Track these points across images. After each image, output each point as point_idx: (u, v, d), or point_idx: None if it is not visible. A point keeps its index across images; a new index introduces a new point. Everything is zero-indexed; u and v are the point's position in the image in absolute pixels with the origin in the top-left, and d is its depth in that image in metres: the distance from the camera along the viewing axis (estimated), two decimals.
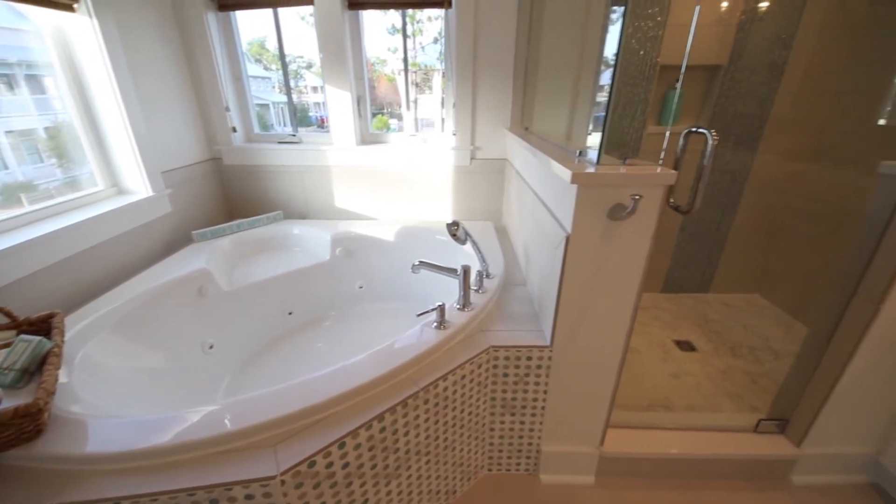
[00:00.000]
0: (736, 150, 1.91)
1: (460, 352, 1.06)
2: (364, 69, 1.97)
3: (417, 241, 1.87)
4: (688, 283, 2.19)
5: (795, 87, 1.79)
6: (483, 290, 1.28)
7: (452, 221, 1.34)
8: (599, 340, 1.07)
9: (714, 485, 1.26)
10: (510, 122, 1.88)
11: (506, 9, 1.69)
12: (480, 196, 2.04)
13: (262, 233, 1.91)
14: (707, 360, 1.70)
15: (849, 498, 1.23)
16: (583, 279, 1.00)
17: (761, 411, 1.34)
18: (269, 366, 1.57)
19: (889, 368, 1.10)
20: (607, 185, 0.89)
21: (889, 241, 0.98)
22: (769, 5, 1.73)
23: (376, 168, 2.00)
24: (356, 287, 1.92)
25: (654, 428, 1.30)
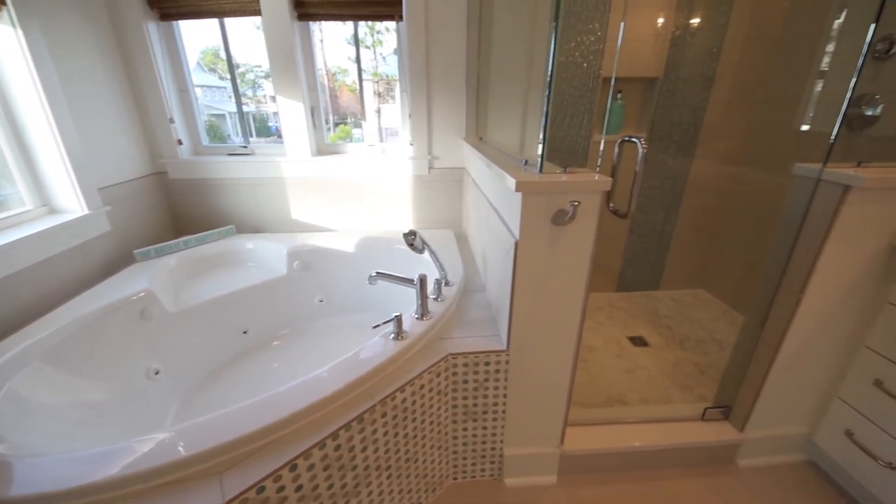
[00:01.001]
0: (676, 155, 2.04)
1: (419, 362, 1.05)
2: (317, 80, 1.95)
3: (378, 252, 1.86)
4: (639, 282, 2.31)
5: (725, 96, 1.94)
6: (442, 298, 1.28)
7: (409, 231, 1.34)
8: (553, 341, 1.11)
9: (667, 474, 1.32)
10: (465, 132, 1.92)
11: (455, 22, 1.74)
12: (440, 205, 2.06)
13: (212, 249, 1.83)
14: (658, 354, 1.79)
15: (789, 476, 1.33)
16: (533, 283, 1.03)
17: (708, 400, 1.43)
18: (222, 389, 1.50)
19: (814, 353, 1.20)
20: (549, 193, 0.93)
21: (805, 237, 1.08)
22: (700, 21, 1.88)
23: (334, 179, 1.98)
24: (316, 301, 1.87)
25: (610, 423, 1.35)
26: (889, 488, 1.09)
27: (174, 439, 0.76)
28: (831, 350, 1.19)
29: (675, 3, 1.82)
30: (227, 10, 1.78)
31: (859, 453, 1.16)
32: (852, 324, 1.15)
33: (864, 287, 1.10)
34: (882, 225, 1.03)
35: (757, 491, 1.27)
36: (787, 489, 1.28)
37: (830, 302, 1.12)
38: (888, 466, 1.09)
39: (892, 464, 1.08)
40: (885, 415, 1.10)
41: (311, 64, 1.92)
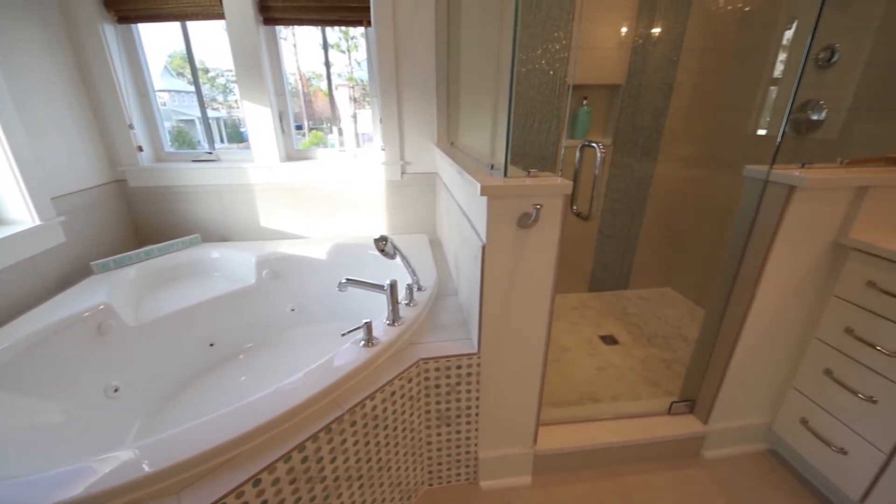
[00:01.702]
0: (640, 159, 2.12)
1: (390, 368, 1.04)
2: (286, 84, 1.92)
3: (351, 258, 1.84)
4: (609, 282, 2.37)
5: (685, 102, 2.03)
6: (414, 304, 1.28)
7: (380, 236, 1.33)
8: (522, 342, 1.12)
9: (638, 468, 1.35)
10: (437, 137, 1.93)
11: (424, 28, 1.75)
12: (414, 209, 2.06)
13: (175, 259, 1.76)
14: (628, 351, 1.84)
15: (752, 465, 1.38)
16: (501, 285, 1.04)
17: (674, 395, 1.48)
18: (187, 405, 1.44)
19: (770, 346, 1.26)
20: (513, 196, 0.94)
21: (756, 235, 1.14)
22: (660, 31, 1.96)
23: (305, 185, 1.95)
24: (287, 310, 1.83)
25: (582, 421, 1.37)
26: (842, 472, 1.16)
27: (134, 457, 0.73)
28: (785, 342, 1.26)
29: (636, 14, 1.89)
30: (188, 13, 1.73)
31: (814, 440, 1.22)
32: (803, 317, 1.22)
33: (812, 281, 1.17)
34: (826, 223, 1.10)
35: (722, 481, 1.31)
36: (751, 478, 1.33)
37: (782, 296, 1.18)
38: (840, 451, 1.15)
39: (844, 449, 1.14)
40: (835, 403, 1.17)
41: (279, 68, 1.89)
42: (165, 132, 1.97)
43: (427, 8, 1.72)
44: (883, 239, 1.05)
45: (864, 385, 1.09)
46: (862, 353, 1.09)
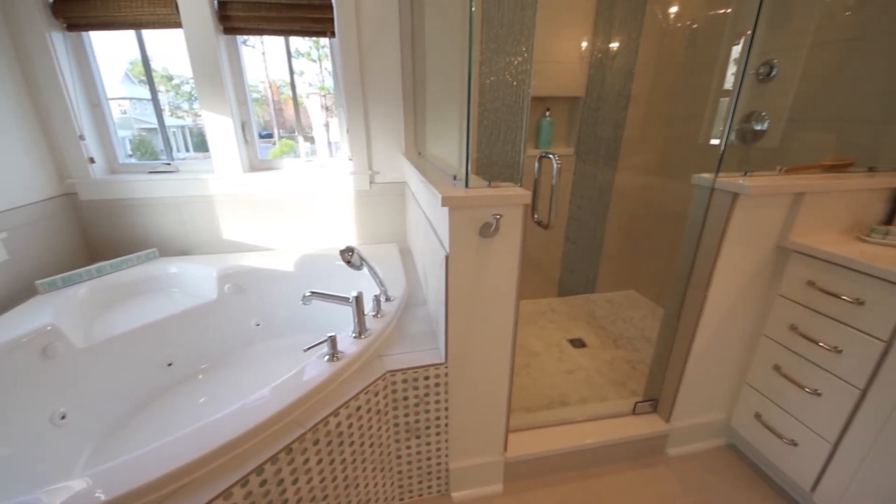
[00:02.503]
0: (602, 168, 2.20)
1: (355, 382, 1.03)
2: (248, 94, 1.88)
3: (319, 270, 1.80)
4: (577, 286, 2.43)
5: (641, 113, 2.12)
6: (382, 315, 1.27)
7: (346, 247, 1.31)
8: (489, 350, 1.13)
9: (606, 469, 1.38)
10: (405, 147, 1.94)
11: (388, 39, 1.76)
12: (383, 219, 2.05)
13: (130, 275, 1.68)
14: (595, 353, 1.88)
15: (713, 460, 1.44)
16: (465, 294, 1.04)
17: (639, 395, 1.52)
18: (141, 430, 1.36)
19: (723, 344, 1.32)
20: (474, 207, 0.96)
21: (705, 239, 1.20)
22: (617, 46, 2.05)
23: (270, 195, 1.90)
24: (252, 325, 1.77)
25: (551, 425, 1.39)
26: (793, 463, 1.22)
27: (85, 487, 0.68)
28: (737, 340, 1.32)
29: (593, 30, 1.97)
30: (143, 21, 1.68)
31: (767, 433, 1.28)
32: (752, 315, 1.29)
33: (758, 282, 1.24)
34: (768, 227, 1.17)
35: (685, 478, 1.36)
36: (712, 473, 1.38)
37: (731, 297, 1.24)
38: (791, 443, 1.22)
39: (794, 441, 1.21)
40: (784, 397, 1.23)
41: (241, 78, 1.85)
42: (120, 142, 1.89)
43: (391, 19, 1.73)
44: (820, 241, 1.13)
45: (810, 379, 1.15)
46: (806, 348, 1.16)
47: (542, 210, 1.11)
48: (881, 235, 1.12)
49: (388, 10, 1.72)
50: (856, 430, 1.06)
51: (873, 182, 1.19)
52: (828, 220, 1.18)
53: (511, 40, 1.86)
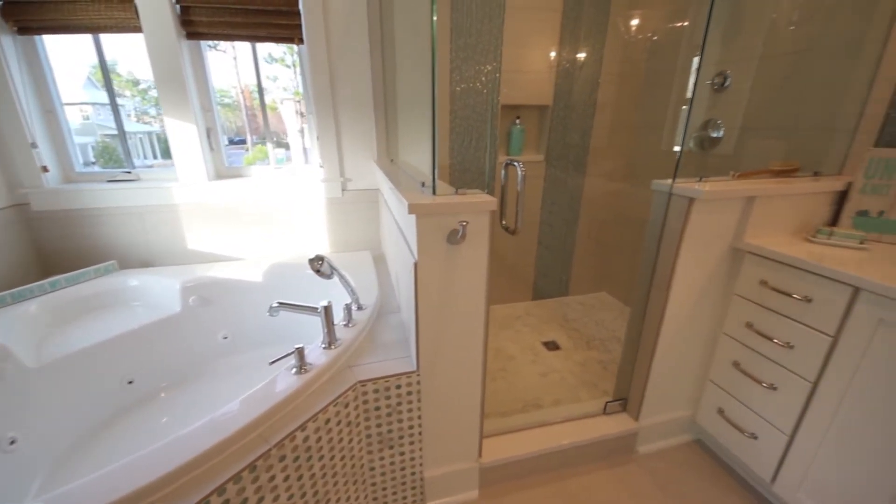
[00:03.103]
0: (572, 174, 2.25)
1: (324, 394, 1.01)
2: (213, 100, 1.84)
3: (290, 279, 1.77)
4: (551, 289, 2.47)
5: (608, 121, 2.19)
6: (353, 324, 1.25)
7: (315, 256, 1.29)
8: (460, 356, 1.13)
9: (580, 470, 1.40)
10: (377, 154, 1.93)
11: (358, 47, 1.75)
12: (357, 226, 2.03)
13: (87, 289, 1.60)
14: (569, 355, 1.91)
15: (680, 456, 1.48)
16: (435, 301, 1.05)
17: (610, 395, 1.55)
18: (98, 453, 1.29)
19: (686, 342, 1.37)
20: (441, 214, 0.96)
21: (665, 242, 1.25)
22: (583, 56, 2.11)
23: (238, 204, 1.86)
24: (219, 338, 1.71)
25: (525, 429, 1.40)
26: (754, 455, 1.27)
27: None
28: (699, 338, 1.37)
29: (559, 41, 2.03)
30: (101, 25, 1.62)
31: (730, 428, 1.33)
32: (711, 314, 1.34)
33: (716, 282, 1.30)
34: (723, 229, 1.23)
35: (655, 475, 1.39)
36: (680, 469, 1.42)
37: (691, 297, 1.29)
38: (751, 437, 1.27)
39: (755, 434, 1.26)
40: (744, 392, 1.29)
41: (206, 83, 1.80)
42: (78, 150, 1.81)
43: (360, 26, 1.73)
44: (770, 243, 1.19)
45: (766, 374, 1.21)
46: (762, 345, 1.21)
47: (509, 216, 1.13)
48: (826, 236, 1.20)
49: (357, 17, 1.72)
50: (809, 421, 1.11)
51: (818, 186, 1.27)
52: (778, 223, 1.25)
53: (480, 49, 1.89)
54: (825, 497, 1.09)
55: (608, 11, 2.00)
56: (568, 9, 1.96)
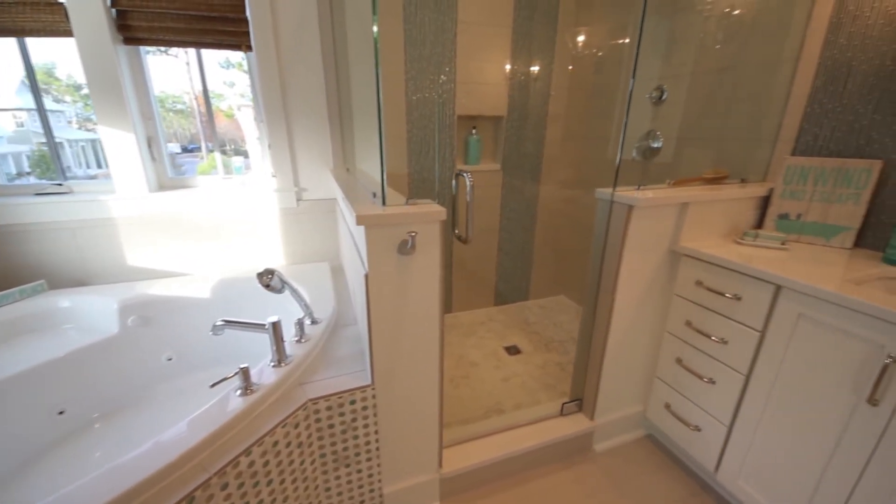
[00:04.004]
0: (528, 182, 2.32)
1: (272, 415, 0.97)
2: (154, 107, 1.75)
3: (241, 295, 1.69)
4: (512, 294, 2.52)
5: (559, 132, 2.28)
6: (305, 339, 1.21)
7: (264, 270, 1.25)
8: (416, 367, 1.12)
9: (540, 472, 1.43)
10: (333, 163, 1.90)
11: (310, 55, 1.73)
12: (314, 237, 1.98)
13: (12, 312, 1.45)
14: (529, 359, 1.95)
15: (634, 451, 1.54)
16: (388, 312, 1.04)
17: (567, 395, 1.59)
18: (24, 494, 1.17)
19: (634, 341, 1.44)
20: (391, 225, 0.96)
21: (609, 247, 1.31)
22: (535, 69, 2.18)
23: (184, 216, 1.76)
24: (162, 360, 1.61)
25: (485, 435, 1.41)
26: (699, 447, 1.34)
27: None
28: (645, 337, 1.44)
29: (511, 55, 2.09)
30: (27, 29, 1.50)
31: (676, 421, 1.40)
32: (655, 314, 1.42)
33: (657, 283, 1.37)
34: (660, 234, 1.30)
35: (610, 472, 1.44)
36: (634, 463, 1.48)
37: (636, 298, 1.36)
38: (695, 429, 1.34)
39: (698, 426, 1.33)
40: (687, 387, 1.36)
41: (146, 90, 1.71)
42: (10, 160, 1.66)
43: (312, 34, 1.71)
44: (704, 245, 1.28)
45: (705, 369, 1.29)
46: (700, 342, 1.29)
47: (462, 225, 1.14)
48: (752, 238, 1.30)
49: (309, 25, 1.69)
50: (745, 412, 1.19)
51: (745, 192, 1.38)
52: (710, 226, 1.34)
53: (434, 61, 1.92)
54: (761, 482, 1.17)
55: (556, 28, 2.09)
56: (518, 25, 2.03)
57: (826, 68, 1.32)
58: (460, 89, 1.99)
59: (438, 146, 2.05)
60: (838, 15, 1.28)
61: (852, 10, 1.25)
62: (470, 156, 2.17)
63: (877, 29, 1.20)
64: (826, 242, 1.29)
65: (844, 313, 0.94)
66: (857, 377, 0.94)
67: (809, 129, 1.37)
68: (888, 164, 1.20)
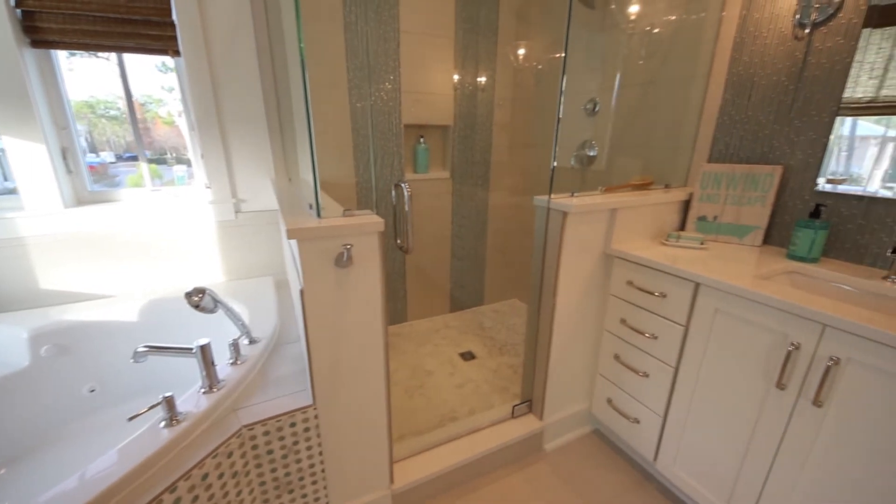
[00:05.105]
0: (477, 189, 2.36)
1: (201, 446, 0.91)
2: (69, 116, 1.60)
3: (172, 316, 1.58)
4: (467, 300, 2.55)
5: (506, 141, 2.35)
6: (242, 361, 1.15)
7: (193, 289, 1.17)
8: (360, 382, 1.10)
9: (493, 476, 1.44)
10: (274, 173, 1.83)
11: (246, 61, 1.66)
12: (256, 250, 1.89)
13: None
14: (483, 363, 1.98)
15: (581, 447, 1.59)
16: (327, 328, 1.01)
17: (519, 398, 1.63)
18: None
19: (576, 341, 1.49)
20: (325, 237, 0.93)
21: (549, 251, 1.36)
22: (480, 80, 2.23)
23: (107, 233, 1.62)
24: (84, 392, 1.46)
25: (439, 445, 1.40)
26: (639, 438, 1.42)
27: None
28: (586, 336, 1.51)
29: (454, 66, 2.13)
30: None
31: (617, 415, 1.47)
32: (594, 313, 1.49)
33: (594, 285, 1.44)
34: (594, 238, 1.37)
35: (560, 469, 1.48)
36: (582, 459, 1.53)
37: (576, 299, 1.42)
38: (635, 421, 1.41)
39: (637, 419, 1.41)
40: (626, 381, 1.43)
41: (60, 97, 1.56)
42: None
43: (247, 38, 1.64)
44: (633, 247, 1.36)
45: (640, 363, 1.36)
46: (634, 338, 1.37)
47: (404, 235, 1.14)
48: (676, 239, 1.40)
49: (243, 30, 1.63)
50: (676, 402, 1.27)
51: (669, 196, 1.48)
52: (638, 229, 1.43)
53: (378, 69, 1.91)
54: (694, 467, 1.25)
55: (496, 41, 2.16)
56: (460, 37, 2.07)
57: (733, 83, 1.45)
58: (406, 98, 2.00)
59: (383, 155, 2.03)
60: (741, 35, 1.42)
61: (752, 31, 1.39)
62: (418, 164, 2.18)
63: (773, 48, 1.34)
64: (739, 241, 1.42)
65: (753, 306, 1.03)
66: (766, 365, 1.03)
67: (721, 139, 1.50)
68: (787, 169, 1.34)
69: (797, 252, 1.24)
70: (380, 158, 2.05)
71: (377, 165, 2.05)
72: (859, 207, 1.20)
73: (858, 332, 0.85)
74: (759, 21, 1.36)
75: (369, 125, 1.90)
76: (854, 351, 0.87)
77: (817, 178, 1.27)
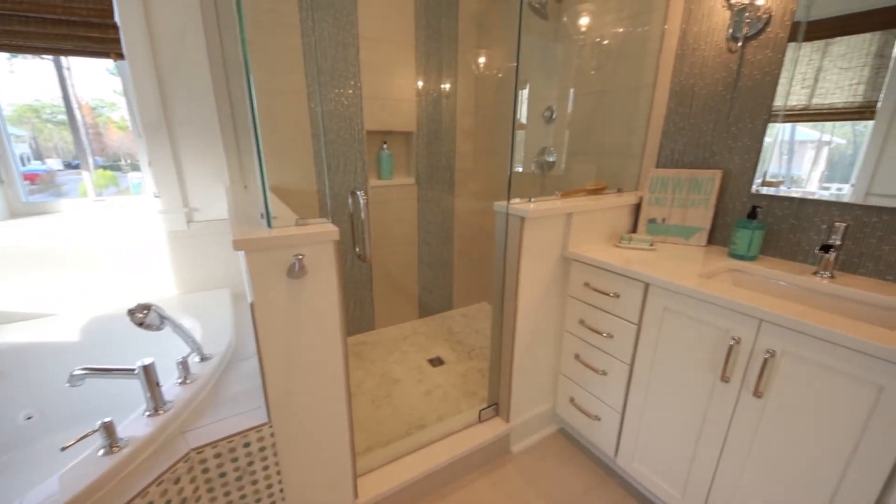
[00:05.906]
0: (443, 195, 2.38)
1: (145, 473, 0.85)
2: (2, 120, 1.48)
3: (117, 335, 1.48)
4: (436, 305, 2.55)
5: (470, 147, 2.37)
6: (191, 380, 1.10)
7: (137, 306, 1.10)
8: (318, 397, 1.07)
9: (460, 483, 1.44)
10: (229, 181, 1.77)
11: (196, 65, 1.60)
12: (210, 262, 1.81)
13: None
14: (452, 368, 1.98)
15: (547, 447, 1.62)
16: (281, 342, 0.98)
17: (486, 401, 1.64)
18: None
19: (539, 342, 1.52)
20: (275, 248, 0.91)
21: (509, 255, 1.38)
22: (442, 87, 2.25)
23: (45, 246, 1.50)
24: (20, 420, 1.35)
25: (406, 454, 1.39)
26: (600, 435, 1.46)
27: None
28: (548, 337, 1.54)
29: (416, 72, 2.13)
30: None
31: (579, 413, 1.51)
32: (554, 315, 1.52)
33: (554, 287, 1.48)
34: (552, 241, 1.41)
35: (526, 470, 1.50)
36: (547, 459, 1.56)
37: (536, 301, 1.45)
38: (595, 418, 1.45)
39: (598, 416, 1.45)
40: (586, 380, 1.47)
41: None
42: None
43: (197, 42, 1.58)
44: (588, 250, 1.41)
45: (598, 362, 1.41)
46: (592, 337, 1.41)
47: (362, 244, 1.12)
48: (628, 241, 1.46)
49: (192, 32, 1.57)
50: (632, 398, 1.32)
51: (621, 200, 1.55)
52: (593, 232, 1.48)
53: (338, 75, 1.89)
54: (651, 460, 1.30)
55: (457, 49, 2.18)
56: (420, 43, 2.08)
57: (676, 93, 1.54)
58: (368, 104, 1.98)
59: (345, 161, 2.01)
60: (682, 47, 1.50)
61: (692, 44, 1.47)
62: (382, 170, 2.17)
63: (710, 60, 1.43)
64: (686, 242, 1.50)
65: (697, 304, 1.09)
66: (712, 359, 1.09)
67: (667, 145, 1.58)
68: (727, 174, 1.43)
69: (737, 251, 1.32)
70: (342, 165, 2.02)
71: (339, 172, 2.02)
72: (791, 208, 1.29)
73: (791, 326, 0.91)
74: (698, 34, 1.45)
75: (343, 132, 1.87)
76: (787, 344, 0.93)
77: (753, 181, 1.36)
